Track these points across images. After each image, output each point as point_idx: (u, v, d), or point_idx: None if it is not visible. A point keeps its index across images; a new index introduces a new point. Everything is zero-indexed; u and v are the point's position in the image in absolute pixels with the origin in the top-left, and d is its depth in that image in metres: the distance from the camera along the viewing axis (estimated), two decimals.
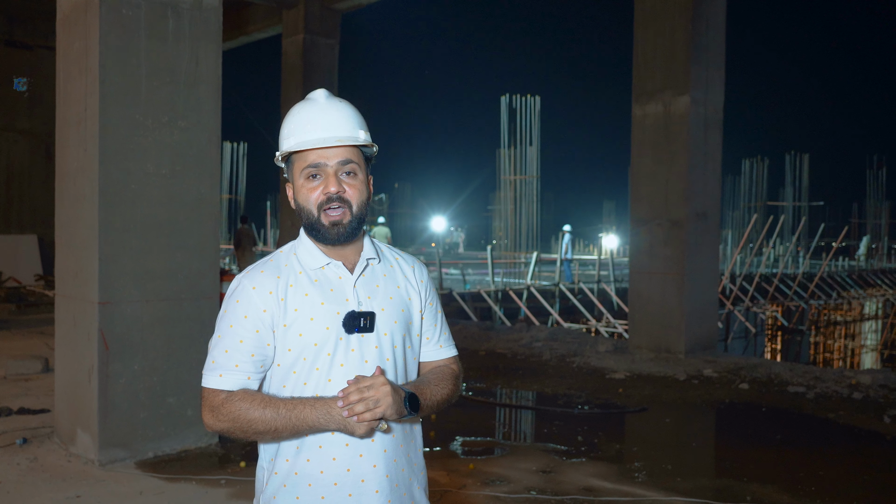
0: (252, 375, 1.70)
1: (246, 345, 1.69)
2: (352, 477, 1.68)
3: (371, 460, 1.70)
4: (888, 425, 6.26)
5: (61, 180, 5.28)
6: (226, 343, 1.70)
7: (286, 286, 1.71)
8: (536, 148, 19.86)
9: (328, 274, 1.75)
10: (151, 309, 5.01)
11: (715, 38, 9.20)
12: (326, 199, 1.70)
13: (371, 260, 1.80)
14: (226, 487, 4.51)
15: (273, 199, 29.11)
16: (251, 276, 1.73)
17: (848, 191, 63.06)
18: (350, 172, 1.73)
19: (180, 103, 5.12)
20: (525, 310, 16.08)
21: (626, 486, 4.74)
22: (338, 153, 1.71)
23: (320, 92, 1.78)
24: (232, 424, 1.65)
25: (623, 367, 8.55)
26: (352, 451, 1.68)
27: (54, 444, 5.19)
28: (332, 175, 1.71)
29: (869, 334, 20.87)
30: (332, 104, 1.75)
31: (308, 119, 1.73)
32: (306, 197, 1.72)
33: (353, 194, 1.72)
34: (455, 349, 1.96)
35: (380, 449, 1.71)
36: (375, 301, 1.75)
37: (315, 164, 1.71)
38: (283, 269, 1.74)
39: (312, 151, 1.71)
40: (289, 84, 13.56)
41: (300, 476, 1.69)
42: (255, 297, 1.69)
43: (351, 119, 1.75)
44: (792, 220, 28.56)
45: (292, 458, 1.70)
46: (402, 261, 1.88)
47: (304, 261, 1.76)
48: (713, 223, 9.39)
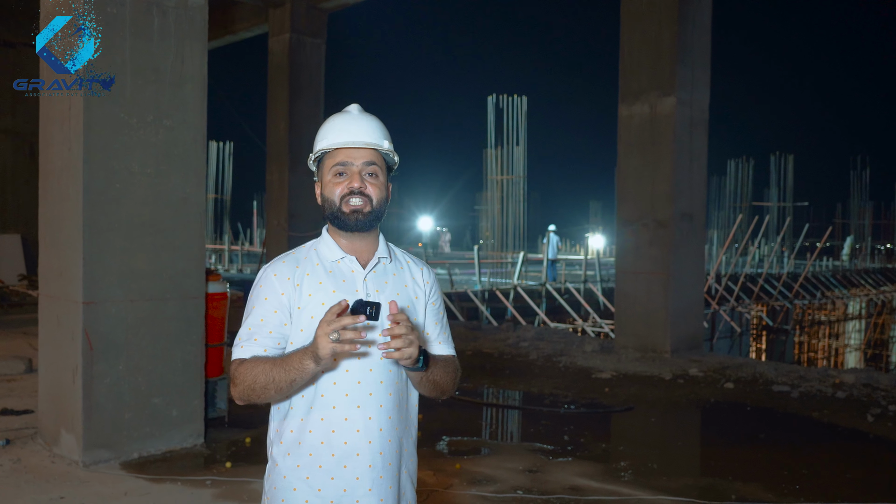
0: (269, 349, 1.87)
1: (266, 323, 1.88)
2: (349, 449, 1.86)
3: (367, 436, 1.87)
4: (871, 424, 6.32)
5: (45, 179, 5.24)
6: (249, 321, 1.90)
7: (303, 275, 1.92)
8: (523, 148, 19.87)
9: (342, 267, 1.95)
10: (136, 309, 4.98)
11: (700, 39, 9.25)
12: (349, 192, 1.92)
13: (383, 259, 1.99)
14: (211, 488, 4.49)
15: (259, 198, 29.03)
16: (274, 265, 1.96)
17: (832, 191, 63.61)
18: (372, 174, 1.94)
19: (165, 102, 5.09)
20: (512, 310, 16.10)
21: (613, 485, 4.76)
22: (363, 155, 1.93)
23: (354, 106, 2.02)
24: (243, 386, 1.81)
25: (609, 367, 8.58)
26: (350, 425, 1.86)
27: (38, 446, 5.15)
28: (357, 173, 1.93)
29: (852, 334, 21.04)
30: (363, 116, 1.99)
31: (341, 126, 1.96)
32: (332, 190, 1.94)
33: (373, 191, 1.93)
34: (453, 349, 2.08)
35: (376, 427, 1.88)
36: (383, 295, 1.93)
37: (343, 163, 1.93)
38: (303, 260, 1.96)
39: (341, 151, 1.93)
40: (275, 83, 13.52)
41: (303, 446, 1.87)
42: (275, 282, 1.91)
43: (378, 129, 1.98)
44: (777, 220, 28.73)
45: (297, 428, 1.88)
46: (412, 263, 2.07)
47: (322, 254, 1.97)
48: (699, 223, 9.44)
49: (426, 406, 1.97)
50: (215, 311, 5.75)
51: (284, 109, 13.21)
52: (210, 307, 5.56)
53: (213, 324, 5.73)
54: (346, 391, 1.86)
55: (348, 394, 1.86)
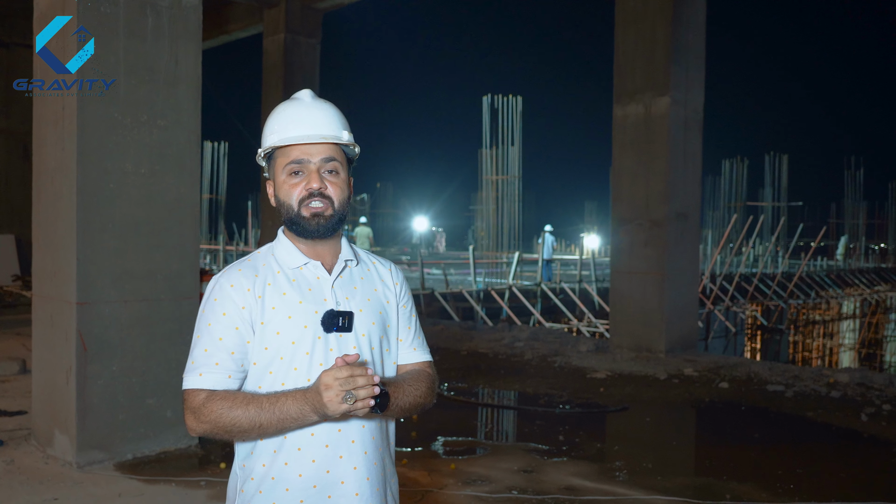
0: (233, 374, 1.67)
1: (226, 342, 1.66)
2: (332, 478, 1.66)
3: (352, 462, 1.68)
4: (865, 423, 6.33)
5: (39, 179, 5.22)
6: (205, 342, 1.67)
7: (264, 284, 1.70)
8: (518, 148, 19.90)
9: (306, 274, 1.74)
10: (130, 309, 4.96)
11: (695, 40, 9.27)
12: (308, 195, 1.70)
13: (349, 262, 1.80)
14: (206, 489, 4.48)
15: (254, 198, 28.93)
16: (228, 274, 1.72)
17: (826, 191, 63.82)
18: (332, 171, 1.73)
19: (159, 102, 5.08)
20: (507, 310, 16.10)
21: (607, 485, 4.76)
22: (321, 150, 1.71)
23: (306, 92, 1.79)
24: (214, 426, 1.61)
25: (604, 367, 8.58)
26: (332, 452, 1.66)
27: (31, 447, 5.13)
28: (315, 172, 1.71)
29: (847, 333, 21.09)
30: (317, 104, 1.76)
31: (293, 117, 1.73)
32: (288, 193, 1.72)
33: (334, 192, 1.72)
34: (429, 354, 1.92)
35: (360, 451, 1.69)
36: (353, 302, 1.75)
37: (298, 161, 1.71)
38: (262, 268, 1.73)
39: (295, 148, 1.71)
40: (270, 83, 13.50)
41: (277, 481, 1.66)
42: (233, 294, 1.68)
43: (335, 119, 1.75)
44: (771, 220, 28.78)
45: (269, 461, 1.67)
46: (378, 264, 1.88)
47: (282, 260, 1.75)
48: (693, 223, 9.45)
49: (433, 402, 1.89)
50: None
51: None
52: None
53: None
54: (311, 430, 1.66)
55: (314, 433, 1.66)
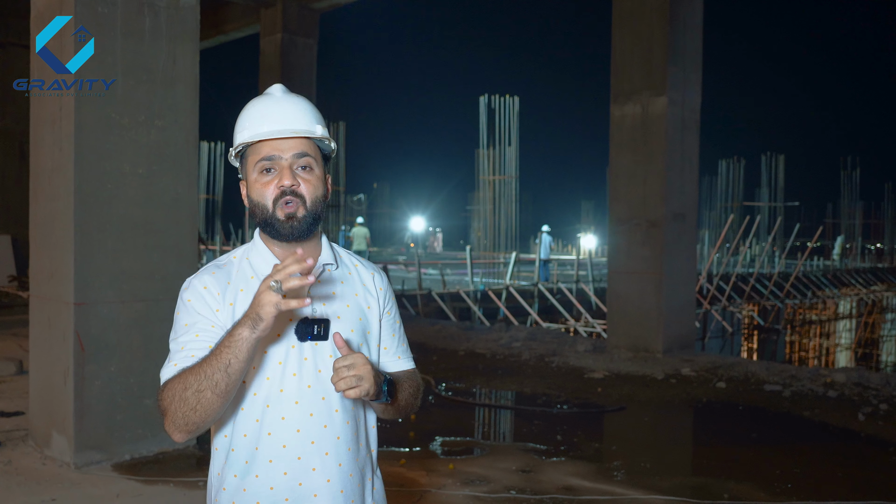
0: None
1: (202, 339, 1.58)
2: (304, 491, 1.61)
3: (325, 475, 1.62)
4: (862, 423, 6.34)
5: (36, 180, 5.21)
6: (182, 340, 1.59)
7: (236, 291, 1.63)
8: (515, 148, 19.89)
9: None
10: (128, 310, 4.96)
11: (692, 40, 9.28)
12: (280, 194, 1.61)
13: (328, 266, 1.71)
14: (204, 489, 4.47)
15: None
16: (201, 277, 1.65)
17: (822, 191, 63.95)
18: (306, 167, 1.64)
19: (157, 102, 5.08)
20: (504, 310, 16.10)
21: (605, 484, 4.76)
22: (293, 146, 1.63)
23: (277, 86, 1.72)
24: (173, 405, 1.49)
25: (601, 367, 8.59)
26: (304, 464, 1.61)
27: (29, 447, 5.12)
28: (287, 168, 1.62)
29: (843, 333, 21.15)
30: (288, 98, 1.68)
31: (263, 112, 1.65)
32: (260, 192, 1.63)
33: (307, 189, 1.63)
34: (413, 362, 1.86)
35: (334, 463, 1.64)
36: (331, 308, 1.67)
37: (269, 157, 1.62)
38: (235, 274, 1.67)
39: (266, 144, 1.63)
40: (267, 83, 13.42)
41: (248, 493, 1.61)
42: (206, 296, 1.62)
43: (307, 113, 1.67)
44: (768, 220, 28.83)
45: (241, 473, 1.61)
46: (361, 267, 1.80)
47: (256, 265, 1.68)
48: (690, 223, 9.46)
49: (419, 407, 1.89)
50: None
51: None
52: None
53: None
54: (296, 426, 1.60)
55: (300, 429, 1.60)
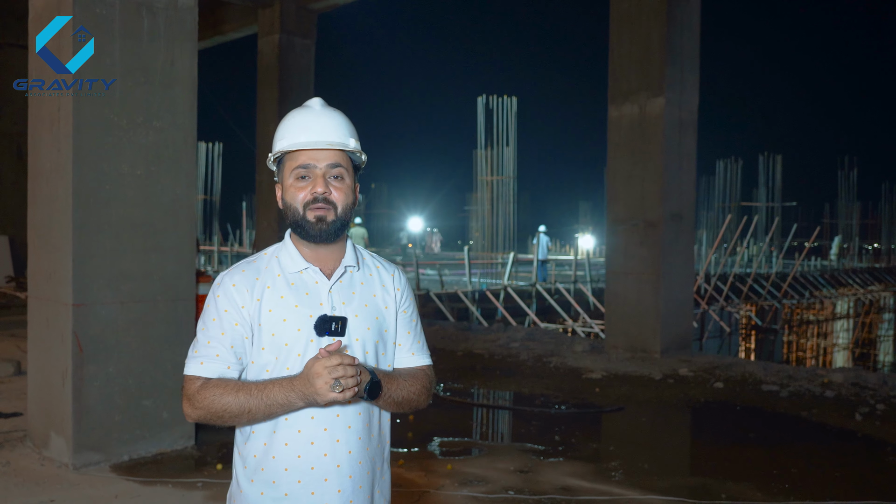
0: (232, 366, 1.77)
1: (227, 336, 1.76)
2: (315, 475, 1.75)
3: (335, 460, 1.76)
4: (860, 423, 6.36)
5: (34, 181, 5.21)
6: (208, 334, 1.78)
7: (263, 287, 1.78)
8: (513, 148, 19.93)
9: (305, 278, 1.81)
10: (126, 311, 4.96)
11: (689, 40, 9.29)
12: (313, 199, 1.77)
13: (350, 268, 1.85)
14: (202, 490, 4.48)
15: (249, 199, 28.92)
16: (232, 274, 1.81)
17: (820, 191, 63.96)
18: (338, 176, 1.79)
19: (155, 103, 5.08)
20: (502, 310, 16.11)
21: (603, 485, 4.77)
22: (327, 156, 1.78)
23: (316, 100, 1.87)
24: (206, 411, 1.71)
25: (599, 367, 8.60)
26: (316, 448, 1.75)
27: (27, 448, 5.12)
28: (321, 177, 1.78)
29: (841, 333, 21.15)
30: (326, 112, 1.83)
31: (302, 123, 1.80)
32: (294, 196, 1.79)
33: (338, 197, 1.79)
34: (429, 358, 1.98)
35: (344, 450, 1.77)
36: (350, 307, 1.81)
37: (305, 165, 1.78)
38: (263, 271, 1.81)
39: (303, 153, 1.78)
40: (264, 84, 13.48)
41: (267, 472, 1.76)
42: (234, 293, 1.77)
43: (343, 127, 1.82)
44: (765, 220, 28.91)
45: (260, 454, 1.77)
46: (382, 269, 1.93)
47: (284, 264, 1.82)
48: (688, 224, 9.48)
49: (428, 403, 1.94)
50: None
51: (274, 110, 13.18)
52: (201, 309, 5.53)
53: None
54: (311, 414, 1.74)
55: (314, 416, 1.74)
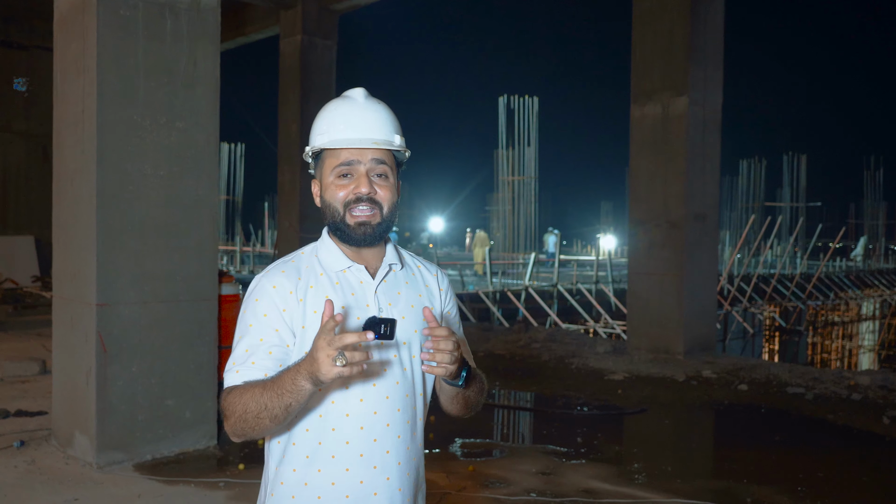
0: (269, 372, 1.57)
1: (265, 343, 1.61)
2: (365, 490, 1.62)
3: (385, 472, 1.64)
4: (887, 426, 6.26)
5: (59, 181, 5.26)
6: (246, 342, 1.62)
7: (306, 287, 1.65)
8: (534, 149, 19.87)
9: (349, 278, 1.69)
10: (149, 311, 4.99)
11: (713, 39, 9.20)
12: (356, 199, 1.65)
13: (394, 266, 1.74)
14: (224, 490, 4.49)
15: (271, 200, 29.07)
16: (271, 275, 1.68)
17: (845, 191, 63.12)
18: (382, 174, 1.67)
19: (178, 104, 5.10)
20: (523, 311, 16.07)
21: (626, 487, 4.73)
22: (372, 154, 1.66)
23: (359, 91, 1.73)
24: (234, 417, 1.54)
25: (622, 368, 8.54)
26: (366, 461, 1.62)
27: (52, 447, 5.17)
28: (364, 175, 1.65)
29: (866, 335, 20.88)
30: (370, 104, 1.70)
31: (344, 117, 1.67)
32: (334, 194, 1.67)
33: (384, 196, 1.67)
34: (473, 362, 1.83)
35: (394, 462, 1.65)
36: (396, 308, 1.69)
37: (347, 163, 1.65)
38: (304, 270, 1.69)
39: (345, 150, 1.66)
40: (286, 85, 13.53)
41: (310, 487, 1.62)
42: (274, 295, 1.64)
43: (388, 122, 1.70)
44: (789, 220, 28.59)
45: (301, 468, 1.63)
46: (424, 269, 1.83)
47: (325, 262, 1.70)
48: (711, 224, 9.39)
49: (438, 407, 1.86)
50: (228, 312, 5.75)
51: (296, 111, 13.23)
52: (223, 309, 5.56)
53: (226, 325, 5.73)
54: (360, 424, 1.62)
55: (363, 426, 1.62)
